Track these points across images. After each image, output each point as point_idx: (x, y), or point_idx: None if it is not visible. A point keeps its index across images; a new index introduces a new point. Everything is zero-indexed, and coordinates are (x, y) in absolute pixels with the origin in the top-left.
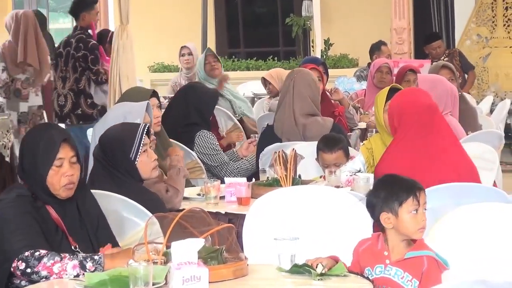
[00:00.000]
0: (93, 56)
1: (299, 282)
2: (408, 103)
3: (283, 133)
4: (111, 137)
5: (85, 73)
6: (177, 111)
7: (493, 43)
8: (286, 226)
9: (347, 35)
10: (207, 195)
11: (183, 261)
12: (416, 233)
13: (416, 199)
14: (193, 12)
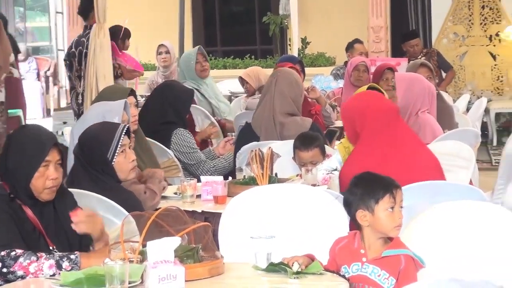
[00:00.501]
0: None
1: (275, 281)
2: (371, 106)
3: (261, 131)
4: (89, 136)
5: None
6: (153, 110)
7: (469, 42)
8: (262, 225)
9: (324, 33)
10: (183, 193)
11: (159, 260)
12: (392, 231)
13: (392, 197)
14: (170, 11)
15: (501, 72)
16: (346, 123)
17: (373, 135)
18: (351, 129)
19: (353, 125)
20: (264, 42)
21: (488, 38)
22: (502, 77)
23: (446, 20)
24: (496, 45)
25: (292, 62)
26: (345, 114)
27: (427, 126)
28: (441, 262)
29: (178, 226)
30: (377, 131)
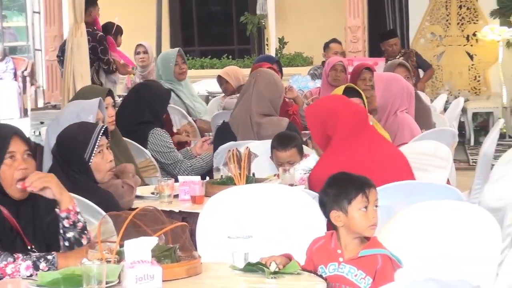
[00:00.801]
0: (102, 47)
1: (253, 281)
2: (343, 108)
3: (239, 131)
4: (67, 136)
5: (94, 65)
6: (130, 110)
7: (447, 42)
8: (239, 225)
9: (301, 33)
10: (161, 193)
11: (137, 260)
12: (367, 230)
13: (365, 196)
14: (147, 10)
15: (478, 72)
16: (315, 126)
17: (345, 138)
18: (321, 133)
19: (324, 128)
20: (241, 42)
21: (465, 38)
22: (479, 77)
23: (424, 20)
24: (473, 45)
25: (270, 62)
26: (314, 117)
27: (405, 126)
28: (419, 261)
29: (155, 226)
30: (349, 133)
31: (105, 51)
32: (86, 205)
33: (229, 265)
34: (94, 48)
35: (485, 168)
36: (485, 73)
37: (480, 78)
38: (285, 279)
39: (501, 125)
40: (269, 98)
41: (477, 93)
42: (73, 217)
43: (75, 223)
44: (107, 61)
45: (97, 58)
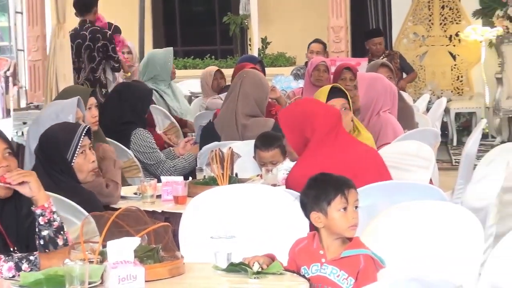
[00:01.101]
0: (113, 45)
1: (235, 281)
2: (319, 110)
3: (223, 132)
4: (49, 136)
5: (102, 63)
6: (112, 110)
7: (429, 42)
8: (222, 225)
9: (284, 33)
10: (143, 194)
11: (119, 260)
12: (347, 231)
13: (344, 197)
14: (130, 10)
15: (461, 72)
16: (292, 130)
17: (323, 139)
18: (298, 136)
19: (301, 130)
20: (224, 42)
21: (448, 38)
22: (461, 77)
23: (406, 20)
24: (456, 45)
25: (253, 62)
26: (291, 121)
27: (388, 126)
28: (401, 261)
29: (138, 227)
30: (326, 135)
31: (115, 50)
32: (68, 205)
33: (212, 265)
34: (105, 46)
35: (467, 168)
36: (467, 73)
37: (462, 78)
38: (268, 279)
39: (484, 125)
40: (255, 98)
41: (459, 93)
42: (48, 215)
43: (51, 222)
44: (118, 60)
45: (108, 56)
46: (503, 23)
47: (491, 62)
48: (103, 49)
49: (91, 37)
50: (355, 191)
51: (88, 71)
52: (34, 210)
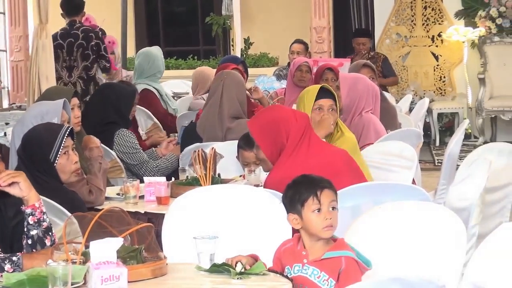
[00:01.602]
0: (105, 45)
1: (218, 281)
2: (291, 115)
3: (205, 133)
4: (32, 136)
5: (97, 61)
6: (95, 111)
7: (412, 42)
8: (205, 225)
9: (267, 34)
10: (126, 194)
11: (102, 261)
12: (322, 232)
13: (316, 199)
14: (112, 11)
15: (443, 72)
16: (266, 138)
17: (298, 143)
18: (273, 143)
19: (276, 137)
20: (207, 43)
21: (431, 38)
22: (444, 78)
23: (389, 20)
24: (438, 45)
25: (235, 63)
26: (265, 129)
27: (370, 126)
28: (384, 262)
29: (121, 227)
30: (300, 139)
31: (106, 49)
32: (51, 206)
33: (195, 266)
34: (97, 45)
35: (450, 168)
36: (450, 74)
37: (445, 78)
38: (251, 280)
39: (466, 126)
40: (238, 99)
41: (442, 93)
42: (39, 215)
43: (40, 222)
44: (108, 60)
45: (100, 56)
46: (485, 23)
47: (474, 62)
48: (97, 47)
49: (83, 36)
50: (329, 191)
51: (81, 69)
52: (24, 209)
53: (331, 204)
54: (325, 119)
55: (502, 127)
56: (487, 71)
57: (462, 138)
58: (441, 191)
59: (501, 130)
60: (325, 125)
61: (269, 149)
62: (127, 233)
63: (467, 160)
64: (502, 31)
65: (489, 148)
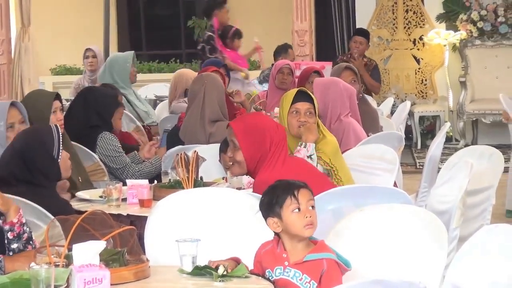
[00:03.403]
0: (210, 47)
1: (200, 284)
2: (274, 123)
3: (187, 138)
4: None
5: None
6: (77, 114)
7: (394, 45)
8: (188, 228)
9: (249, 37)
10: (109, 197)
11: (85, 264)
12: (303, 231)
13: (294, 198)
14: (95, 14)
15: (425, 75)
16: (252, 143)
17: (281, 148)
18: (257, 148)
19: (263, 142)
20: (189, 46)
21: (412, 42)
22: (425, 81)
23: (370, 24)
24: (420, 48)
25: (217, 66)
26: (252, 134)
27: (350, 131)
28: (367, 263)
29: (103, 230)
30: (282, 145)
31: (212, 50)
32: (35, 209)
33: (177, 269)
34: (202, 48)
35: (431, 171)
36: (431, 77)
37: (426, 81)
38: (233, 283)
39: (448, 129)
40: (218, 103)
41: (423, 96)
42: (18, 229)
43: (20, 235)
44: None
45: (205, 57)
46: (466, 27)
47: (455, 65)
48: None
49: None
50: (306, 190)
51: None
52: (3, 225)
53: (309, 203)
54: (311, 125)
55: (483, 130)
56: (468, 74)
57: (443, 141)
58: (422, 194)
59: (482, 133)
60: (312, 130)
61: (250, 153)
62: (110, 236)
63: (448, 163)
64: (483, 34)
65: (470, 151)
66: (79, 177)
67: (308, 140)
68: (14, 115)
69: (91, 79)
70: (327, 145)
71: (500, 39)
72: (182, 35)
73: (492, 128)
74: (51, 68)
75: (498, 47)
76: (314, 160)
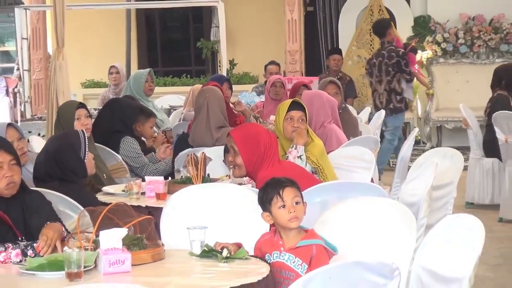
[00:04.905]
0: (405, 61)
1: (208, 264)
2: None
3: (195, 142)
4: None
5: (396, 76)
6: (104, 121)
7: None
8: (197, 218)
9: (248, 56)
10: (130, 191)
11: (110, 248)
12: (288, 223)
13: (280, 197)
14: (118, 37)
15: None
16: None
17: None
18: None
19: (257, 147)
20: (198, 64)
21: None
22: None
23: (351, 45)
24: None
25: (222, 81)
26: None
27: (333, 136)
28: (349, 248)
29: (125, 219)
30: (273, 148)
31: (407, 65)
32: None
33: (188, 252)
34: (398, 62)
35: (403, 169)
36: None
37: None
38: (235, 263)
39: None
40: (221, 111)
41: None
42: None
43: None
44: (410, 72)
45: (401, 70)
46: (432, 47)
47: None
48: (397, 64)
49: (387, 56)
50: (291, 188)
51: (385, 83)
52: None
53: (294, 200)
54: (302, 130)
55: (446, 134)
56: (433, 87)
57: (412, 144)
58: (395, 188)
59: (445, 136)
60: (302, 135)
61: (249, 157)
62: (131, 224)
63: (417, 162)
64: (446, 53)
65: (435, 152)
66: (103, 174)
67: (299, 143)
68: (12, 134)
69: (115, 91)
70: (315, 147)
71: (460, 57)
72: (192, 54)
73: (454, 133)
74: (81, 82)
75: (459, 64)
76: (304, 160)
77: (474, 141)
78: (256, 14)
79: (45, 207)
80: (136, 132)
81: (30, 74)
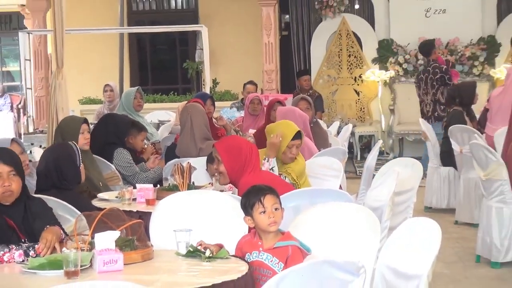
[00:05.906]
0: (448, 76)
1: (192, 263)
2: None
3: (181, 153)
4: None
5: (439, 88)
6: (99, 134)
7: (339, 82)
8: (183, 221)
9: (229, 75)
10: (122, 197)
11: (104, 248)
12: (268, 227)
13: (261, 203)
14: (113, 57)
15: (363, 104)
16: (235, 158)
17: (253, 161)
18: (239, 162)
19: (239, 157)
20: (184, 82)
21: (353, 79)
22: (364, 108)
23: (322, 65)
24: (359, 84)
25: (205, 98)
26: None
27: (305, 147)
28: (319, 248)
29: (118, 223)
30: (254, 158)
31: (451, 79)
32: (65, 207)
33: (175, 252)
34: (442, 77)
35: (368, 177)
36: (368, 105)
37: (364, 109)
38: (217, 262)
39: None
40: (204, 124)
41: (362, 120)
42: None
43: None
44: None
45: (444, 84)
46: (394, 67)
47: (386, 97)
48: (440, 79)
49: (432, 72)
50: (271, 195)
51: (431, 95)
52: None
53: (273, 206)
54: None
55: (407, 145)
56: (396, 104)
57: (377, 154)
58: (361, 195)
59: (406, 148)
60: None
61: (232, 166)
62: (123, 227)
63: (381, 171)
64: (407, 73)
65: (397, 162)
66: (100, 182)
67: (270, 156)
68: (15, 148)
69: (109, 107)
70: (297, 165)
71: None
72: (179, 74)
73: (414, 144)
74: (79, 99)
75: None
76: (276, 172)
77: (432, 152)
78: (236, 37)
79: (46, 212)
80: (128, 144)
81: (32, 92)
